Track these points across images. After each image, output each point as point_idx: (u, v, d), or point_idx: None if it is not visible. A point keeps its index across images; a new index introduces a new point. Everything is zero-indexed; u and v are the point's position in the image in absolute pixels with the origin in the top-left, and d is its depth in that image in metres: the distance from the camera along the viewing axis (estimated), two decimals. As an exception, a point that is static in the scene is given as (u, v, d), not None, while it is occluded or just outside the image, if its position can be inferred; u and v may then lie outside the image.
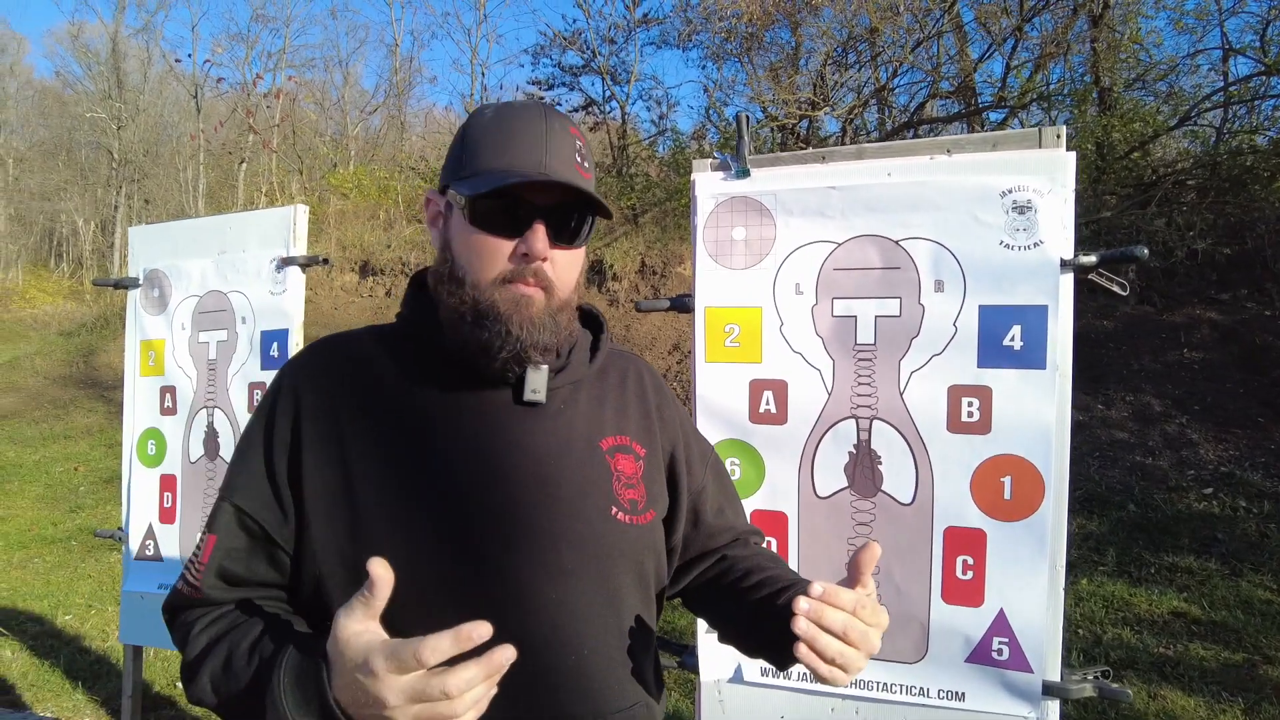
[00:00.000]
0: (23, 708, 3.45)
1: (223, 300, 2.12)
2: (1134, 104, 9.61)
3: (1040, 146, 1.28)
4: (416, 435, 0.92)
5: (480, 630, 0.69)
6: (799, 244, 1.40)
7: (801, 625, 0.78)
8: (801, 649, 0.79)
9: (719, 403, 1.45)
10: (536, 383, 0.94)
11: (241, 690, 0.83)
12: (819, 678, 0.80)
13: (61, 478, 7.89)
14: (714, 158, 1.45)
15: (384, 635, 0.75)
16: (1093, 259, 1.26)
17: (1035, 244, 1.27)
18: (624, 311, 9.45)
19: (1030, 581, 1.30)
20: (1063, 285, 1.27)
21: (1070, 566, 4.75)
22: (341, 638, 0.74)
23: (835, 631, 0.79)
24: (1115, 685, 1.33)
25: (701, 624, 1.50)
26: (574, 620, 0.90)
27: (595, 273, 9.87)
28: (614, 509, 0.97)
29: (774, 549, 1.45)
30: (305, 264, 2.07)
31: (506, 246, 0.89)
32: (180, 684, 0.96)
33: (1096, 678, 1.34)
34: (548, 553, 0.90)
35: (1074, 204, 1.26)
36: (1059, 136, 1.26)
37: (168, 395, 2.20)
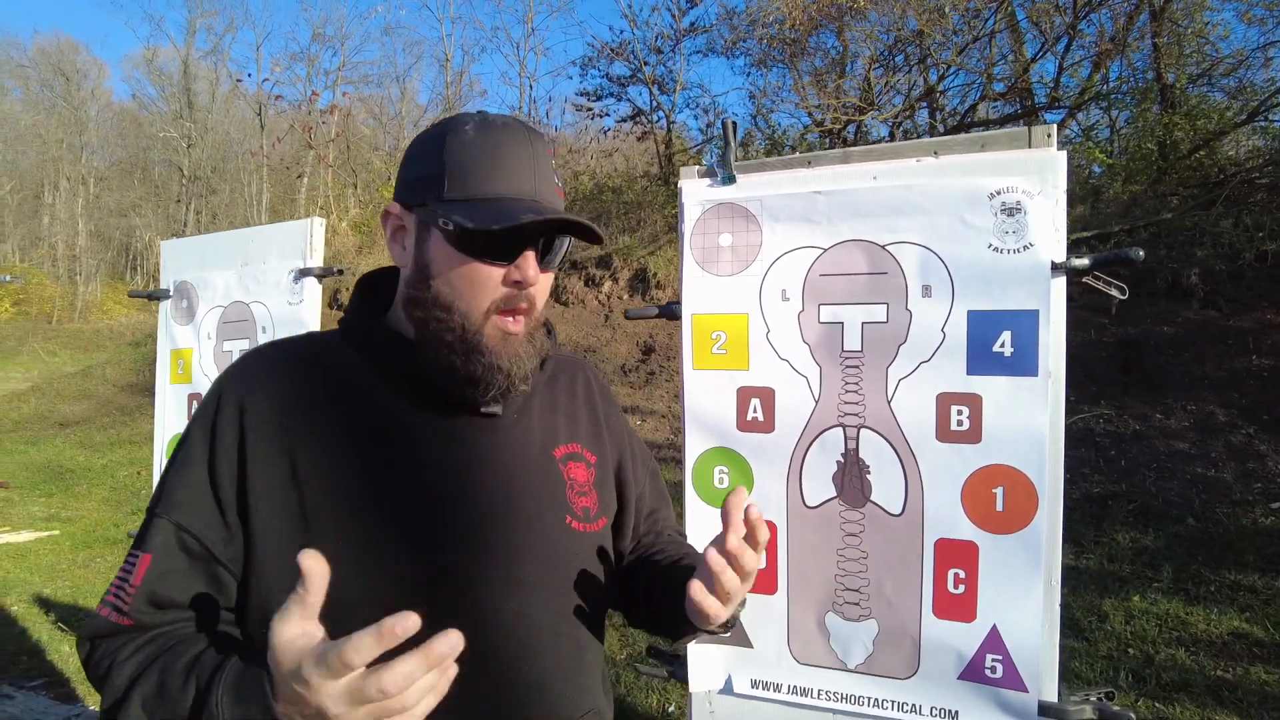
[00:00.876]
0: (76, 700, 3.61)
1: (245, 310, 2.20)
2: (1199, 100, 9.23)
3: (1030, 146, 1.24)
4: (372, 449, 0.88)
5: (405, 624, 0.65)
6: (785, 250, 1.38)
7: (717, 560, 0.85)
8: (695, 586, 0.88)
9: (706, 410, 1.44)
10: (494, 393, 0.93)
11: (178, 716, 0.77)
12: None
13: (126, 481, 8.25)
14: (701, 164, 1.44)
15: (320, 639, 0.70)
16: (1085, 262, 1.21)
17: (1025, 247, 1.23)
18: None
19: (1024, 597, 1.26)
20: (1054, 289, 1.22)
21: (1121, 582, 4.55)
22: (277, 645, 0.70)
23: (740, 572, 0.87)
24: (1117, 708, 1.26)
25: (692, 634, 1.48)
26: (534, 631, 0.90)
27: (640, 281, 9.90)
28: (569, 518, 0.97)
29: (762, 560, 1.43)
30: (321, 275, 2.13)
31: (497, 274, 0.87)
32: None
33: (1099, 699, 1.28)
34: (508, 566, 0.90)
35: (1065, 205, 1.22)
36: (1049, 136, 1.22)
37: (194, 402, 2.29)
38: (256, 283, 2.18)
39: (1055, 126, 1.22)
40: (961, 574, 1.29)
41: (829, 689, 1.39)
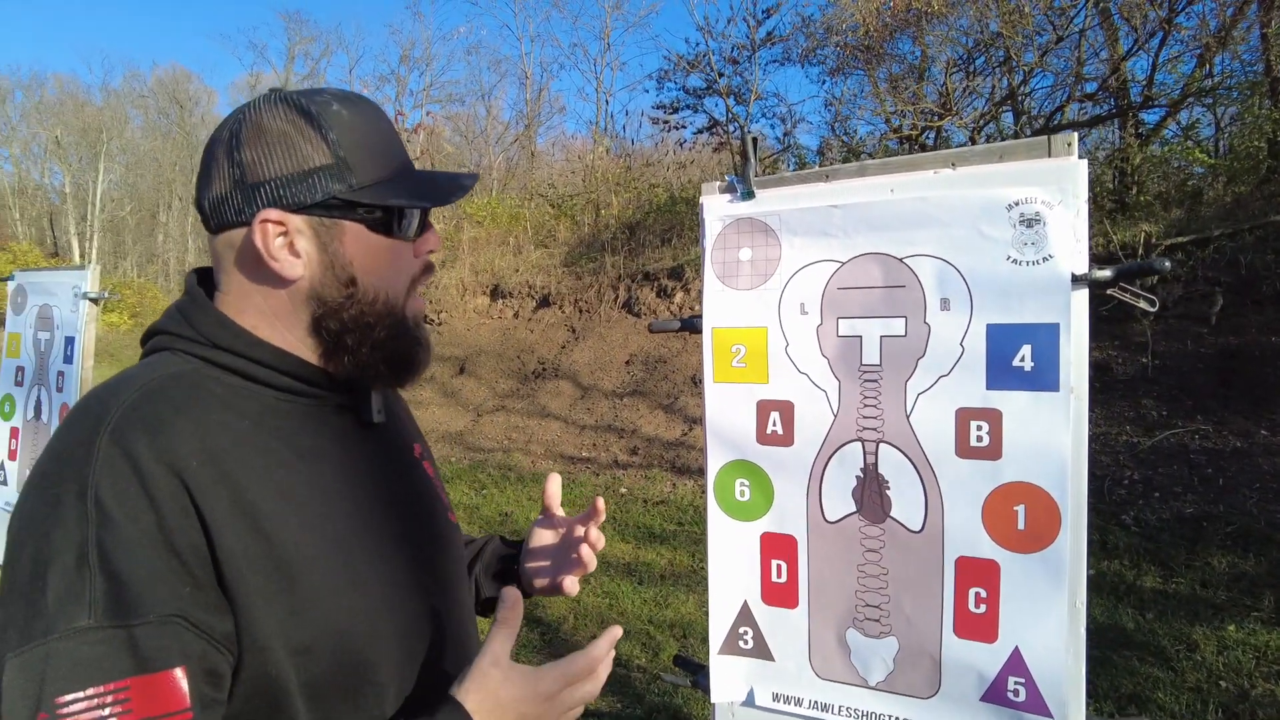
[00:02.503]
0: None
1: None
2: (1315, 94, 8.63)
3: (1050, 156, 1.21)
4: (303, 480, 0.79)
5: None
6: (803, 264, 1.39)
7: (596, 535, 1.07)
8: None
9: (727, 424, 1.45)
10: (377, 402, 0.91)
11: None
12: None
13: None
14: (723, 180, 1.46)
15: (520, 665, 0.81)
16: (1108, 274, 1.17)
17: (1044, 258, 1.20)
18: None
19: (1047, 618, 1.22)
20: (1075, 302, 1.18)
21: (1215, 609, 4.28)
22: (505, 673, 0.78)
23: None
24: (1149, 738, 1.21)
25: (714, 644, 1.49)
26: (467, 622, 0.97)
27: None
28: (448, 511, 1.02)
29: (783, 573, 1.43)
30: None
31: (409, 249, 0.87)
32: None
33: (1133, 728, 1.23)
34: (435, 567, 0.92)
35: (1087, 215, 1.18)
36: (1069, 145, 1.19)
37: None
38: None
39: (1074, 135, 1.19)
40: (982, 593, 1.26)
41: (850, 705, 1.38)
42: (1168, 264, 1.16)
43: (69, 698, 0.61)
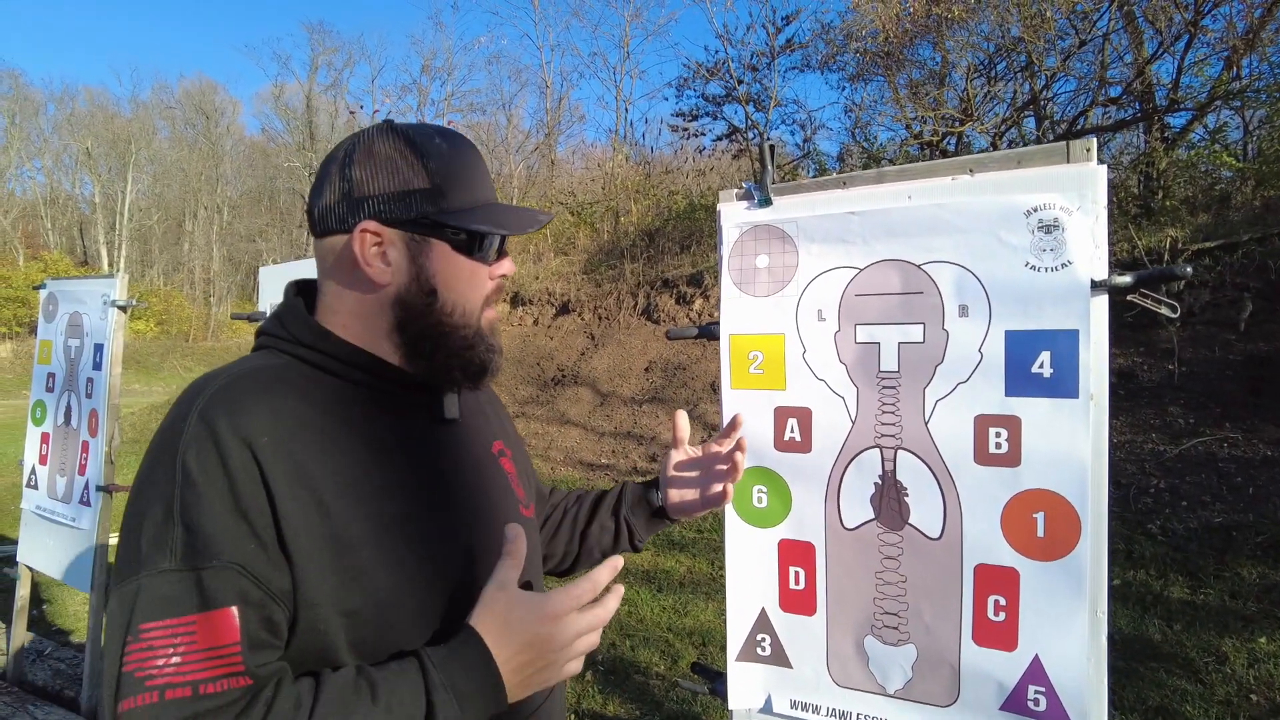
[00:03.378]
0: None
1: (332, 331, 2.36)
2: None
3: (1069, 161, 1.20)
4: (368, 467, 0.88)
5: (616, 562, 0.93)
6: (821, 270, 1.39)
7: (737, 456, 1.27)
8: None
9: (745, 430, 1.45)
10: (454, 400, 1.01)
11: None
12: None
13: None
14: (740, 187, 1.47)
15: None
16: (1128, 279, 1.16)
17: (1063, 265, 1.19)
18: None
19: (1068, 627, 1.21)
20: (1094, 308, 1.17)
21: (1246, 621, 4.21)
22: (514, 598, 0.86)
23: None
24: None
25: (731, 651, 1.49)
26: None
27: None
28: (522, 507, 1.09)
29: (801, 580, 1.43)
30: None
31: (486, 272, 0.98)
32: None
33: (1156, 739, 1.21)
34: (495, 553, 0.94)
35: (1107, 221, 1.17)
36: (1089, 150, 1.18)
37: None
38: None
39: (1094, 141, 1.18)
40: (1002, 601, 1.25)
41: (868, 713, 1.37)
42: (1189, 269, 1.15)
43: (150, 625, 0.74)
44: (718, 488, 1.30)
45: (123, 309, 3.25)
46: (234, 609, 0.75)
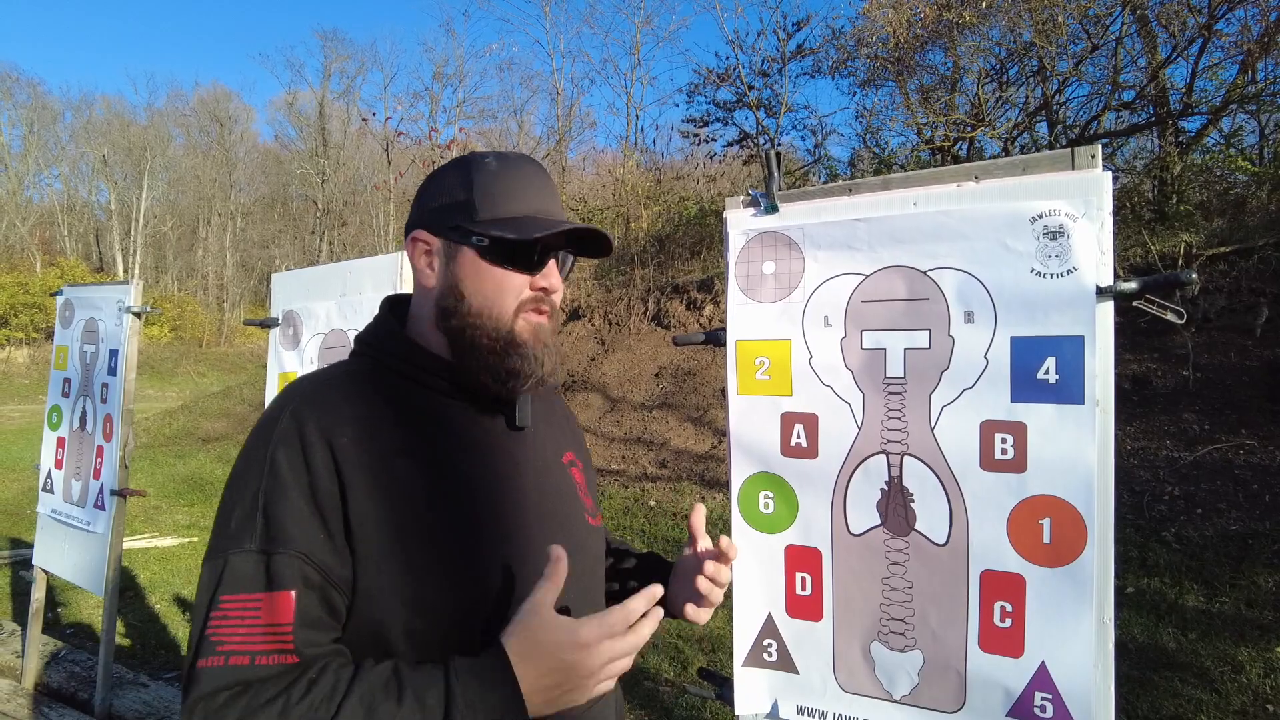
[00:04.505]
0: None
1: (343, 338, 2.38)
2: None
3: (1074, 168, 1.20)
4: (439, 469, 0.95)
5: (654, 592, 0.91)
6: (827, 276, 1.39)
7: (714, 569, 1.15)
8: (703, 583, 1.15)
9: (751, 436, 1.46)
10: (524, 408, 1.05)
11: None
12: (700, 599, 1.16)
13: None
14: (746, 194, 1.48)
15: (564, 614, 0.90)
16: (1133, 285, 1.16)
17: (1068, 271, 1.19)
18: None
19: (1074, 634, 1.20)
20: (1100, 314, 1.17)
21: (1262, 630, 4.16)
22: (548, 620, 0.86)
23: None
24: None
25: (738, 656, 1.49)
26: (586, 610, 1.00)
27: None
28: (588, 515, 1.12)
29: (808, 586, 1.43)
30: (409, 304, 2.28)
31: (523, 281, 1.00)
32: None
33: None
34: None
35: (1112, 227, 1.17)
36: (1093, 157, 1.18)
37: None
38: (354, 311, 2.37)
39: (1099, 147, 1.18)
40: (1008, 607, 1.25)
41: (875, 719, 1.37)
42: (1194, 275, 1.15)
43: (229, 598, 0.83)
44: (687, 604, 1.19)
45: (137, 315, 3.29)
46: (293, 592, 0.84)
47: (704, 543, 1.21)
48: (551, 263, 1.03)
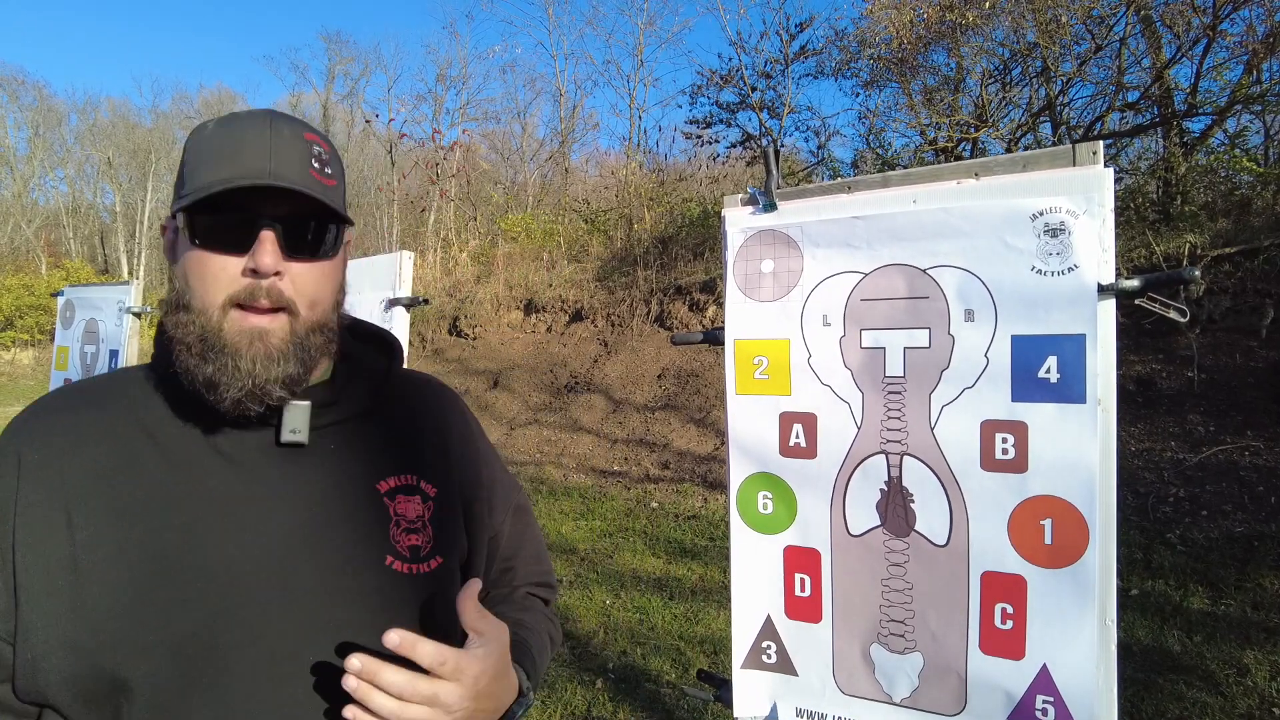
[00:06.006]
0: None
1: (342, 337, 2.38)
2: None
3: (1075, 165, 1.19)
4: (162, 488, 0.81)
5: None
6: (826, 275, 1.38)
7: (350, 683, 0.73)
8: (348, 710, 0.74)
9: (749, 435, 1.45)
10: (296, 421, 0.85)
11: None
12: None
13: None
14: (745, 192, 1.47)
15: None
16: (1135, 283, 1.15)
17: (1069, 269, 1.18)
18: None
19: (1076, 636, 1.19)
20: (1102, 312, 1.16)
21: (1268, 633, 4.13)
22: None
23: (392, 692, 0.73)
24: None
25: (737, 658, 1.48)
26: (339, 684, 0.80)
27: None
28: (390, 557, 0.88)
29: (807, 587, 1.42)
30: (409, 304, 2.28)
31: (235, 264, 0.80)
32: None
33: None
34: (313, 609, 0.82)
35: (1114, 225, 1.16)
36: (1094, 153, 1.17)
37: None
38: (354, 311, 2.36)
39: (1100, 144, 1.17)
40: (1009, 609, 1.24)
41: (875, 723, 1.36)
42: (1197, 273, 1.14)
43: None
44: None
45: (137, 315, 3.29)
46: None
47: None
48: (265, 237, 0.79)
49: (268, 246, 0.79)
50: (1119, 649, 1.18)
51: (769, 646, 1.45)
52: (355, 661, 0.72)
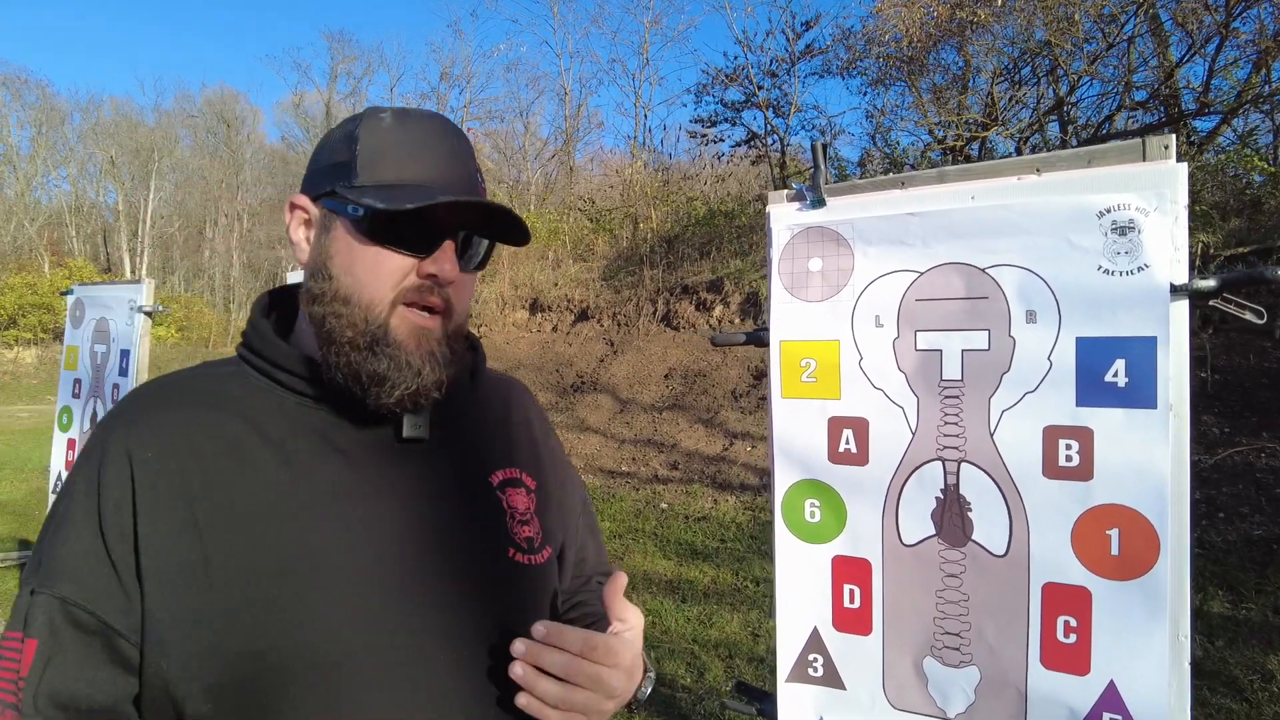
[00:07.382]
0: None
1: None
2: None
3: (1145, 159, 1.14)
4: (281, 489, 0.78)
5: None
6: (878, 274, 1.33)
7: (517, 670, 0.76)
8: (520, 698, 0.76)
9: (796, 441, 1.40)
10: (417, 417, 0.84)
11: None
12: None
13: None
14: (790, 188, 1.42)
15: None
16: (1212, 283, 1.10)
17: (1139, 268, 1.13)
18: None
19: (1146, 650, 1.14)
20: (1174, 314, 1.11)
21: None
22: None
23: (556, 674, 0.76)
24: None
25: (782, 671, 1.43)
26: (482, 678, 0.81)
27: (751, 304, 9.82)
28: (512, 550, 0.89)
29: (856, 598, 1.37)
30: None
31: (408, 264, 0.80)
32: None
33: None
34: (448, 610, 0.81)
35: (1187, 222, 1.11)
36: (1166, 147, 1.12)
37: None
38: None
39: (1173, 138, 1.12)
40: (1073, 622, 1.19)
41: (927, 738, 1.31)
42: (1279, 271, 1.09)
43: (10, 634, 0.74)
44: None
45: (149, 315, 3.25)
46: (35, 642, 0.73)
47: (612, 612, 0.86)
48: (447, 245, 0.80)
49: (450, 254, 0.81)
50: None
51: (815, 659, 1.40)
52: (520, 646, 0.75)
